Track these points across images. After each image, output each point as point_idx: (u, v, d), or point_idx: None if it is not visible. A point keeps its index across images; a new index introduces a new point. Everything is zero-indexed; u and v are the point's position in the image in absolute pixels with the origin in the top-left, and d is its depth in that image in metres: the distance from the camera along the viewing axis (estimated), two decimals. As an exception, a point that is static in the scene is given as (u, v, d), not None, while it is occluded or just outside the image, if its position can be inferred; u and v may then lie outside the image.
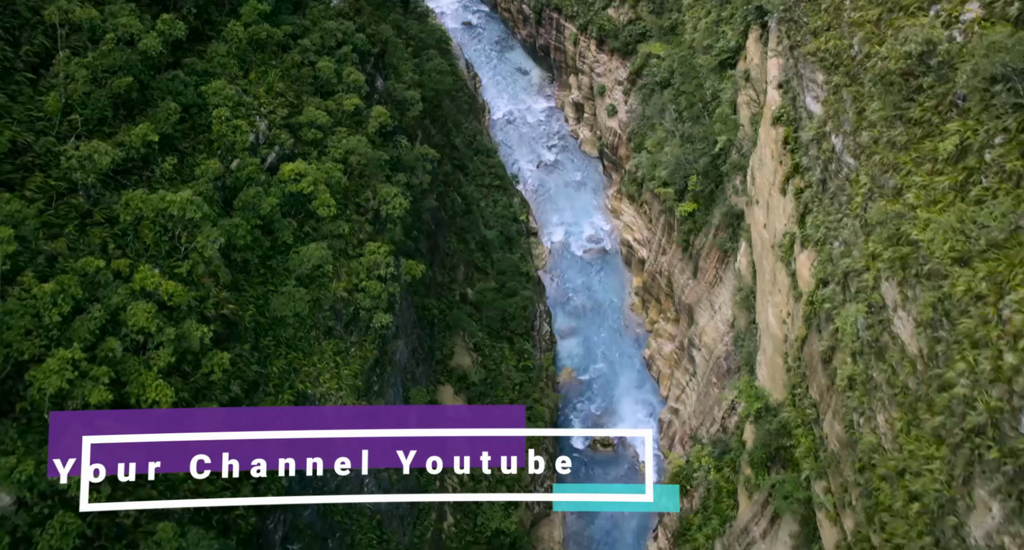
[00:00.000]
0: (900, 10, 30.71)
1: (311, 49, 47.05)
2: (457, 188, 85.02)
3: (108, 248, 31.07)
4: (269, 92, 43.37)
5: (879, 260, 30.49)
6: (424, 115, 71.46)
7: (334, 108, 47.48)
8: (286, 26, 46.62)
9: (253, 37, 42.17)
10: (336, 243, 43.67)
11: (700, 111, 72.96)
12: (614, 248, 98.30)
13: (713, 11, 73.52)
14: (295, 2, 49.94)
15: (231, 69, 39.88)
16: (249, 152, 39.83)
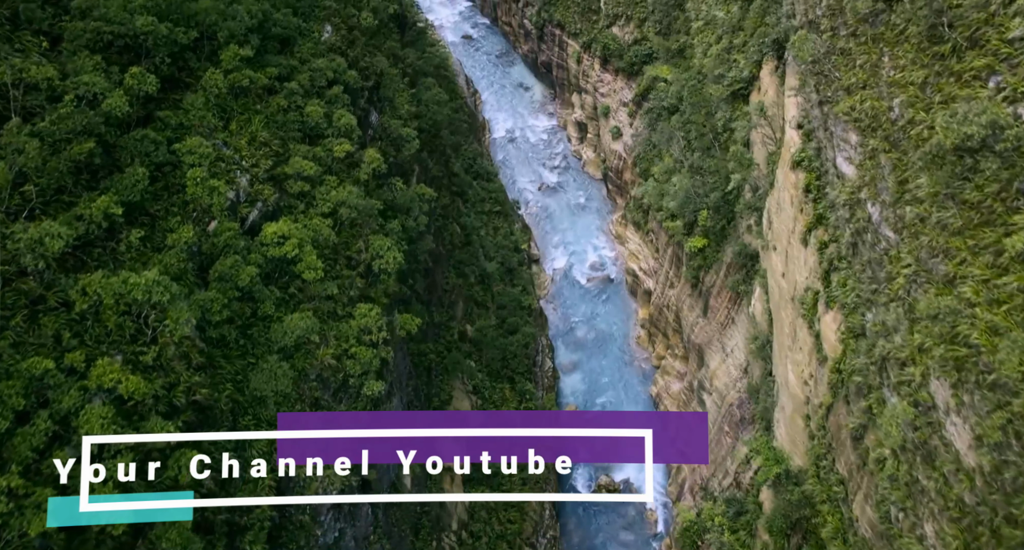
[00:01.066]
0: (951, 75, 27.36)
1: (298, 92, 43.76)
2: (456, 218, 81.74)
3: (63, 338, 27.71)
4: (252, 143, 40.06)
5: (928, 356, 27.15)
6: (421, 147, 68.12)
7: (323, 155, 44.15)
8: (271, 68, 43.32)
9: (234, 84, 38.90)
10: (324, 305, 40.33)
11: (711, 142, 69.62)
12: (619, 276, 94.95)
13: (724, 38, 70.18)
14: (282, 39, 46.67)
15: (209, 121, 36.60)
16: (228, 213, 36.48)
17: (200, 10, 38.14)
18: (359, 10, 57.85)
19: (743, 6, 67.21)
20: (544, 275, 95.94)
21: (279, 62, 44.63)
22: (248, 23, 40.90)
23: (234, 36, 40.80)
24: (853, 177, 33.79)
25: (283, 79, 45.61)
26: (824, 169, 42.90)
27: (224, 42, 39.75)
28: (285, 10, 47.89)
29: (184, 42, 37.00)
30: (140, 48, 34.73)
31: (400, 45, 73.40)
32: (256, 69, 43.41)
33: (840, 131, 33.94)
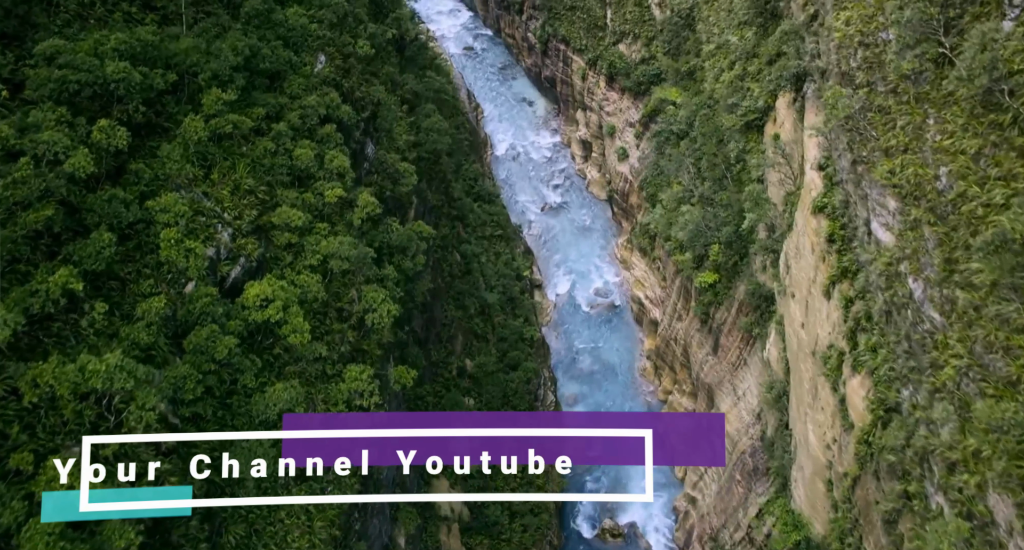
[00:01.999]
0: (1011, 149, 24.32)
1: (287, 134, 40.74)
2: (457, 246, 78.73)
3: (10, 434, 24.69)
4: (236, 192, 37.05)
5: (986, 466, 24.11)
6: (421, 177, 65.10)
7: (313, 201, 41.15)
8: (258, 108, 40.31)
9: (216, 130, 35.89)
10: (311, 368, 37.31)
11: (723, 173, 66.60)
12: (623, 303, 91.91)
13: (738, 64, 67.15)
14: (271, 74, 43.66)
15: (187, 173, 33.59)
16: (207, 272, 33.43)
17: (180, 51, 35.15)
18: (355, 38, 54.82)
19: (758, 32, 64.20)
20: (546, 301, 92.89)
21: (267, 101, 41.58)
22: (233, 61, 37.90)
23: (217, 76, 37.79)
24: (891, 246, 30.74)
25: (272, 118, 42.60)
26: (852, 223, 39.86)
27: (206, 84, 36.73)
28: (275, 42, 44.86)
29: (161, 87, 34.01)
30: (111, 96, 31.76)
31: (399, 68, 70.41)
32: (242, 110, 40.34)
33: (876, 194, 30.91)
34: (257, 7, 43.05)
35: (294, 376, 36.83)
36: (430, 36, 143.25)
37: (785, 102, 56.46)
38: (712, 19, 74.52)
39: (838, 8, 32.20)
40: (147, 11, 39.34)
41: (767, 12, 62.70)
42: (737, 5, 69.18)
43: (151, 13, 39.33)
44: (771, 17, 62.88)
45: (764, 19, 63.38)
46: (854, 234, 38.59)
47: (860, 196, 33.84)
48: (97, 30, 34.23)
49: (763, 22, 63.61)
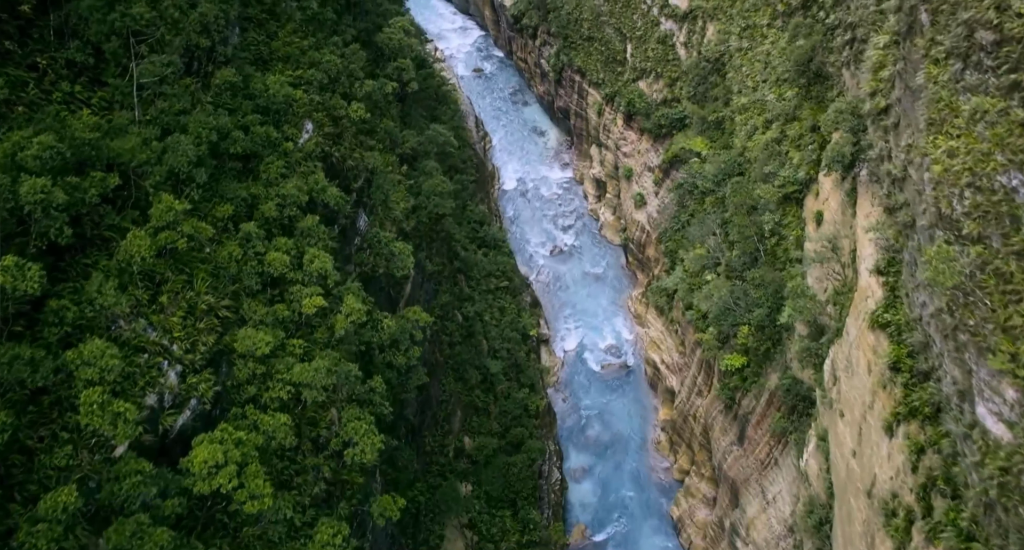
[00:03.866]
0: None
1: (258, 236, 34.36)
2: (459, 306, 72.28)
3: None
4: (191, 315, 30.65)
5: None
6: (420, 242, 58.75)
7: (287, 315, 34.73)
8: (224, 205, 33.98)
9: (168, 244, 29.55)
10: (274, 528, 30.84)
11: (755, 246, 60.03)
12: (637, 363, 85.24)
13: (775, 125, 60.53)
14: (244, 156, 37.29)
15: (124, 306, 27.22)
16: (146, 429, 27.02)
17: (124, 151, 28.82)
18: (349, 99, 48.43)
19: (800, 93, 57.63)
20: (553, 357, 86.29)
21: (236, 193, 35.16)
22: (193, 155, 31.55)
23: (174, 174, 31.43)
24: (1006, 441, 24.14)
25: (243, 214, 36.18)
26: (928, 365, 33.36)
27: (156, 187, 30.39)
28: (252, 117, 38.46)
29: (96, 200, 27.66)
30: (28, 219, 25.48)
31: (400, 119, 63.98)
32: (204, 209, 33.98)
33: (987, 376, 24.35)
34: (230, 80, 36.66)
35: (253, 540, 30.39)
36: (438, 57, 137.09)
37: (832, 180, 49.89)
38: (745, 69, 67.97)
39: (936, 132, 25.84)
40: (95, 87, 32.96)
41: (810, 72, 56.15)
42: (775, 59, 62.62)
43: (100, 89, 32.95)
44: (815, 78, 56.36)
45: (807, 80, 56.84)
46: (936, 388, 32.04)
47: (954, 359, 27.26)
48: (23, 125, 27.83)
49: (806, 83, 57.07)
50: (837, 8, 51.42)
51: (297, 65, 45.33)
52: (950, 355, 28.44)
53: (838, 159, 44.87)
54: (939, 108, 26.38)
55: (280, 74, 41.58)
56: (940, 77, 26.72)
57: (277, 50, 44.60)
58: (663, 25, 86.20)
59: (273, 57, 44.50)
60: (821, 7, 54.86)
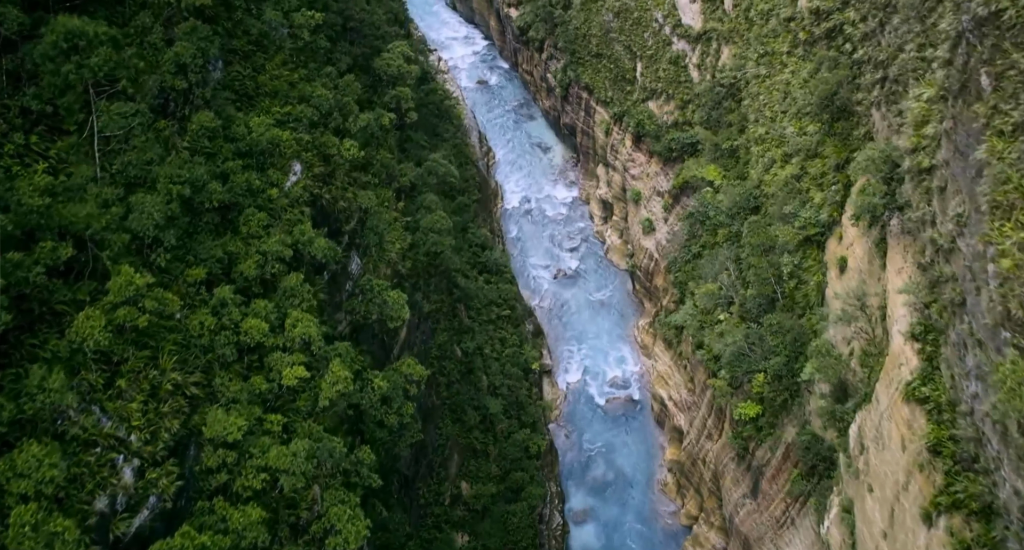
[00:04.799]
0: None
1: (234, 301, 31.09)
2: (458, 339, 68.89)
3: None
4: (153, 397, 27.35)
5: None
6: (417, 280, 55.49)
7: (265, 388, 31.45)
8: (196, 269, 30.72)
9: (127, 322, 26.27)
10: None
11: (773, 289, 56.58)
12: (643, 398, 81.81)
13: (795, 160, 57.14)
14: (223, 209, 34.00)
15: (70, 400, 23.95)
16: (94, 539, 23.70)
17: (77, 219, 25.55)
18: (342, 136, 45.13)
19: (823, 129, 54.22)
20: (556, 389, 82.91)
21: (211, 252, 31.88)
22: (161, 216, 28.25)
23: (138, 239, 28.17)
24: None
25: (218, 275, 32.87)
26: (974, 455, 29.96)
27: (114, 257, 27.11)
28: (233, 163, 35.19)
29: (43, 279, 24.36)
30: (-41, 303, 22.30)
31: (399, 144, 60.70)
32: (175, 271, 30.70)
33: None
34: (207, 125, 33.36)
35: None
36: (441, 69, 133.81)
37: (859, 229, 46.42)
38: (763, 98, 64.53)
39: (1003, 217, 22.43)
40: (55, 137, 29.65)
41: (834, 107, 52.72)
42: (795, 89, 59.18)
43: (61, 139, 29.64)
44: (839, 113, 52.93)
45: (830, 115, 53.41)
46: (988, 485, 28.64)
47: (1019, 471, 23.86)
48: (-38, 190, 24.55)
49: (829, 118, 53.64)
50: (866, 43, 47.99)
51: (286, 100, 42.07)
52: (1011, 463, 25.05)
53: (868, 210, 41.43)
54: (1007, 191, 23.00)
55: (265, 114, 38.35)
56: (1007, 154, 23.33)
57: (264, 85, 41.34)
58: (675, 45, 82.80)
59: (260, 92, 41.24)
60: (847, 39, 51.43)
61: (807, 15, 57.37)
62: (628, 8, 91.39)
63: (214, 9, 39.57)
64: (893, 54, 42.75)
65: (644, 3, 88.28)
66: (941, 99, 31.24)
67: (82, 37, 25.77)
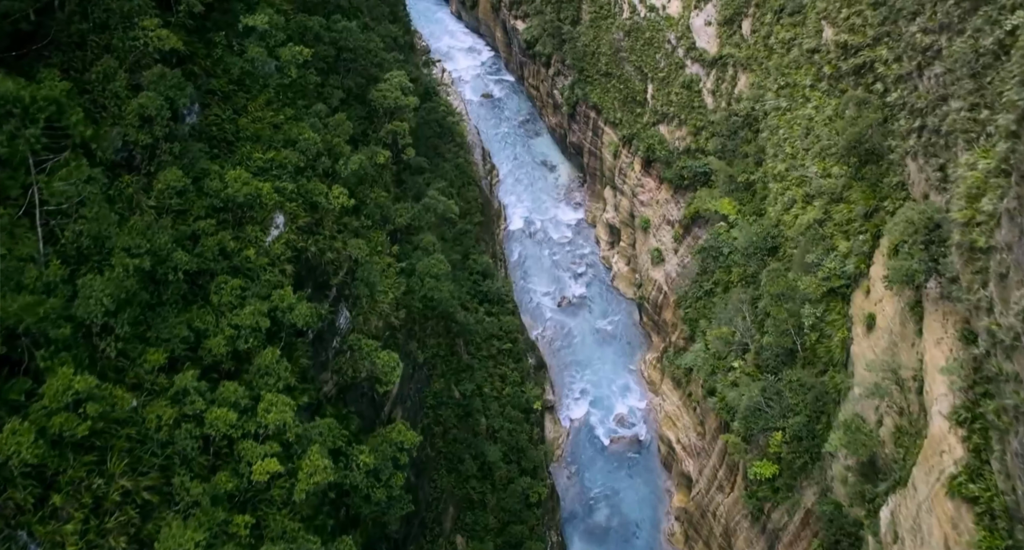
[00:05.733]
0: None
1: (198, 390, 27.58)
2: (456, 379, 65.25)
3: None
4: (95, 512, 23.77)
5: None
6: (410, 331, 51.92)
7: (231, 486, 27.85)
8: (154, 353, 27.19)
9: (65, 431, 22.73)
10: None
11: (792, 341, 52.89)
12: (649, 438, 78.16)
13: (817, 203, 53.44)
14: (191, 276, 30.48)
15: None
16: None
17: (7, 314, 22.00)
18: (332, 179, 41.57)
19: (850, 172, 50.53)
20: (559, 427, 79.25)
21: (172, 332, 28.34)
22: (112, 301, 24.73)
23: (83, 328, 24.65)
24: None
25: (191, 347, 29.32)
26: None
27: (55, 352, 23.65)
28: (204, 222, 31.63)
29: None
30: None
31: (395, 176, 57.17)
32: (132, 352, 27.11)
33: None
34: (175, 184, 29.82)
35: None
36: (444, 82, 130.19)
37: (893, 290, 42.68)
38: (783, 132, 60.82)
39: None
40: (-2, 203, 26.12)
41: (863, 150, 49.04)
42: (819, 126, 55.50)
43: (4, 206, 26.06)
44: (868, 155, 49.25)
45: (858, 159, 49.75)
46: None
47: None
48: None
49: (857, 162, 49.97)
50: (901, 85, 44.29)
51: (269, 145, 38.44)
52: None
53: (907, 277, 37.71)
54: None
55: (247, 161, 34.81)
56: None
57: (245, 129, 37.75)
58: (688, 68, 79.13)
59: (240, 137, 37.64)
60: (878, 78, 47.75)
61: (833, 48, 53.69)
62: (639, 27, 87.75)
63: (191, 47, 36.13)
64: (934, 103, 39.09)
65: (656, 23, 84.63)
66: (1002, 173, 27.60)
67: (16, 103, 22.22)
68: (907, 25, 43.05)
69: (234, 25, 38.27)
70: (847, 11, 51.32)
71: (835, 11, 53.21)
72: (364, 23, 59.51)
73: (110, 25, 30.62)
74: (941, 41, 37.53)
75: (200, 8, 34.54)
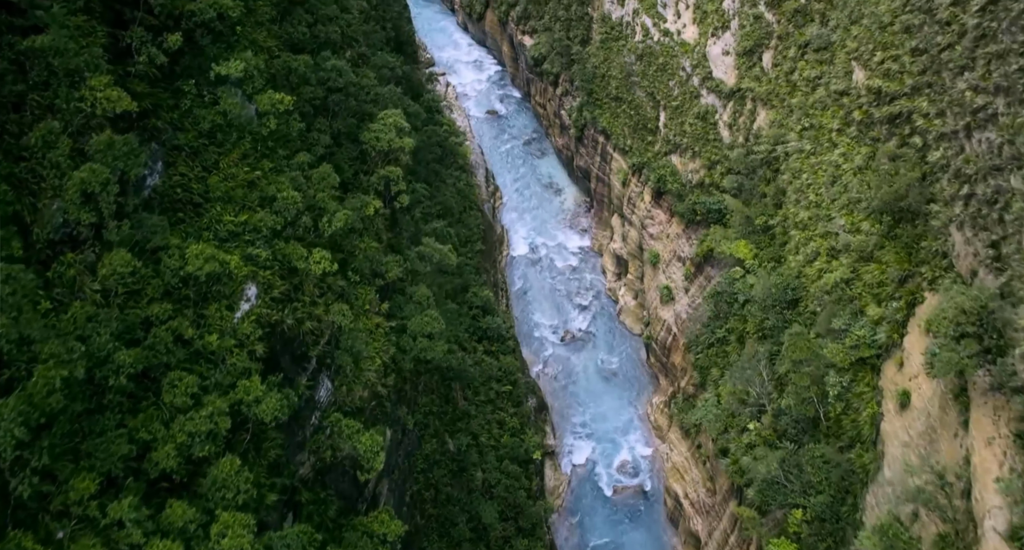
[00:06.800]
0: None
1: (135, 521, 23.54)
2: (451, 430, 61.18)
3: None
4: None
5: None
6: (400, 392, 47.87)
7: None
8: (86, 483, 23.15)
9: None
10: None
11: (816, 410, 48.70)
12: (655, 488, 73.94)
13: (844, 260, 49.21)
14: (138, 374, 26.53)
15: None
16: None
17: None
18: (315, 235, 37.60)
19: (883, 231, 46.34)
20: (560, 474, 75.13)
21: (113, 449, 24.30)
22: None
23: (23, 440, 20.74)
24: None
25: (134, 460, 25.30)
26: None
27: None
28: (159, 306, 27.67)
29: None
30: None
31: (390, 223, 53.14)
32: (60, 472, 23.11)
33: None
34: (120, 269, 25.83)
35: None
36: (448, 97, 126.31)
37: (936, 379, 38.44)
38: (807, 176, 56.65)
39: None
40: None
41: (898, 208, 44.86)
42: (847, 174, 51.33)
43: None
44: (903, 213, 45.06)
45: (893, 217, 45.56)
46: None
47: None
48: None
49: (891, 220, 45.79)
50: (944, 144, 40.09)
51: (242, 205, 34.49)
52: None
53: (955, 370, 33.53)
54: None
55: (210, 234, 30.88)
56: None
57: (215, 189, 33.77)
58: (704, 99, 75.00)
59: (210, 198, 33.66)
60: (916, 131, 43.56)
61: (864, 93, 49.53)
62: (652, 52, 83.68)
63: (155, 98, 32.17)
64: (985, 171, 34.93)
65: (670, 48, 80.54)
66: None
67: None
68: (953, 79, 38.88)
69: (207, 72, 34.30)
70: (881, 54, 47.14)
71: (867, 53, 49.03)
72: (359, 53, 55.50)
73: (52, 83, 26.66)
74: (997, 105, 33.38)
75: (163, 60, 30.56)
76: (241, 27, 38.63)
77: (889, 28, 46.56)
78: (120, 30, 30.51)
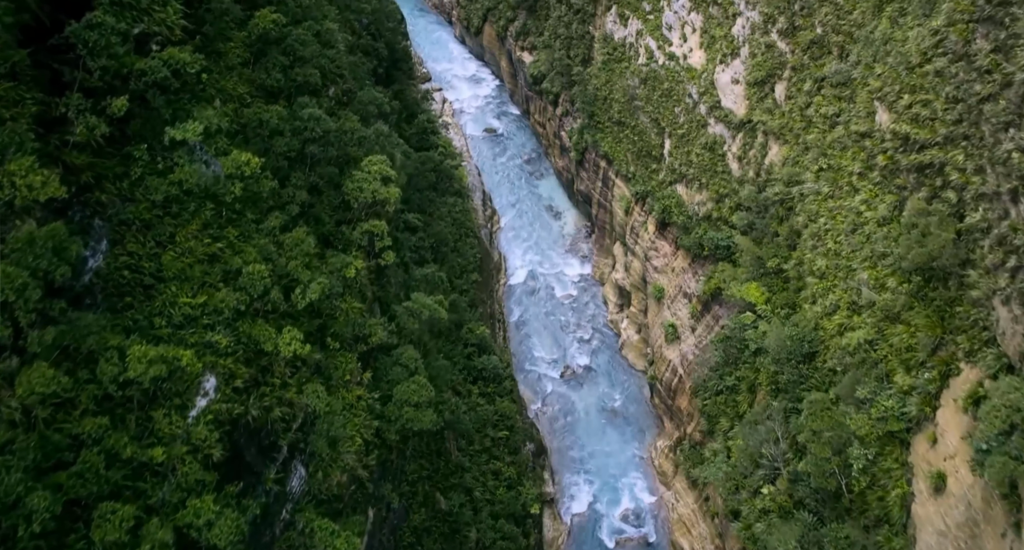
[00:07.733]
0: None
1: None
2: (443, 485, 57.31)
3: None
4: None
5: None
6: (385, 464, 44.01)
7: None
8: None
9: None
10: None
11: (838, 483, 44.79)
12: (659, 541, 69.97)
13: (868, 320, 45.30)
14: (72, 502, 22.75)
15: None
16: None
17: None
18: (284, 317, 33.74)
19: (912, 290, 42.43)
20: (559, 523, 71.16)
21: None
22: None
23: None
24: None
25: None
26: None
27: None
28: (91, 421, 23.84)
29: None
30: None
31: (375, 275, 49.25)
32: None
33: None
34: (40, 389, 21.90)
35: None
36: (444, 114, 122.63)
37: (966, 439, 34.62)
38: (824, 221, 52.79)
39: None
40: None
41: (928, 267, 40.95)
42: (870, 223, 47.46)
43: None
44: (936, 274, 41.16)
45: (923, 277, 41.68)
46: None
47: None
48: None
49: (922, 280, 41.91)
50: (984, 205, 36.21)
51: (201, 284, 30.64)
52: None
53: (1006, 475, 29.66)
54: None
55: (150, 339, 26.92)
56: None
57: (169, 267, 29.91)
58: (712, 128, 71.16)
59: (163, 277, 29.80)
60: (949, 185, 39.66)
61: (889, 137, 45.66)
62: (657, 76, 79.88)
63: (99, 168, 28.34)
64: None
65: (676, 73, 76.73)
66: None
67: None
68: (994, 133, 35.00)
69: (160, 135, 30.46)
70: (909, 98, 43.26)
71: (893, 94, 45.17)
72: (344, 90, 51.65)
73: (-36, 170, 22.85)
74: (1053, 173, 29.49)
75: (104, 130, 26.72)
76: (207, 75, 34.88)
77: (918, 69, 42.70)
78: (56, 97, 26.67)
